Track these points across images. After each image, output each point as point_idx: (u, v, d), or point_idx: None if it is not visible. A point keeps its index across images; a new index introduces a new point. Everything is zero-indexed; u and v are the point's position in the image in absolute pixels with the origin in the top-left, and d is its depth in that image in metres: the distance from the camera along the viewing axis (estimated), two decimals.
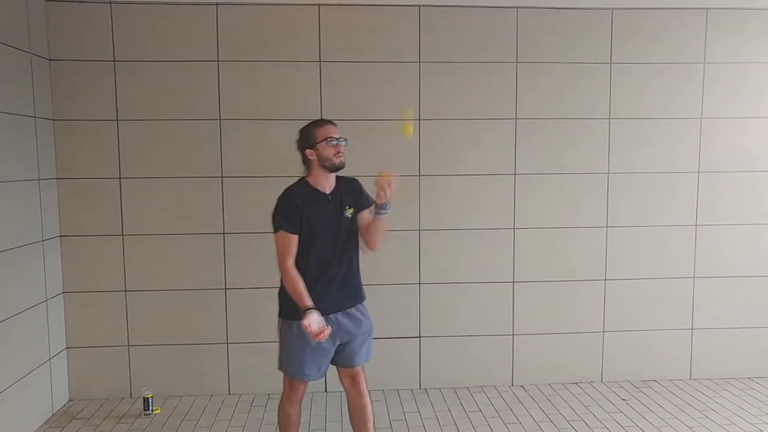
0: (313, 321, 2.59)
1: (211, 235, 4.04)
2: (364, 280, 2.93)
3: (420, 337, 4.22)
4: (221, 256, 4.05)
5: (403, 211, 3.91)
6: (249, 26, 3.95)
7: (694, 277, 4.34)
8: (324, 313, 2.67)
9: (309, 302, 2.64)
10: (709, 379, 4.36)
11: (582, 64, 4.15)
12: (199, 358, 4.11)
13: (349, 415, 2.97)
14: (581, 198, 4.24)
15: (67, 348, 4.02)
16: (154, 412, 3.83)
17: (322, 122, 2.82)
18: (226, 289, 4.07)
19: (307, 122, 2.88)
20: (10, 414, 3.37)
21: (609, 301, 4.31)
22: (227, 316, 4.09)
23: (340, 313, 2.78)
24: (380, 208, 2.72)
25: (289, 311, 2.77)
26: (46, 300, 3.78)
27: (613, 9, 4.12)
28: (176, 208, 4.01)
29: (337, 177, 2.84)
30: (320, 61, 4.01)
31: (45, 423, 3.71)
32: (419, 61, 4.06)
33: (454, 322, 4.22)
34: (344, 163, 2.77)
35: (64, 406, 3.97)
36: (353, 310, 2.84)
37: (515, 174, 4.18)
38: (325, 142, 2.73)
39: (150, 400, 3.81)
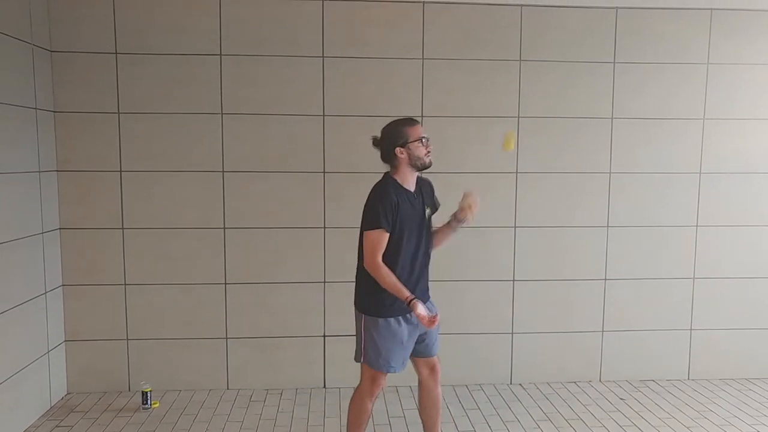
0: (423, 309, 2.69)
1: (211, 230, 4.03)
2: None
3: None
4: (221, 251, 4.04)
5: None
6: (252, 20, 3.93)
7: (693, 278, 4.34)
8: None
9: (409, 293, 2.70)
10: (707, 380, 4.37)
11: (585, 63, 4.14)
12: (198, 352, 4.10)
13: (421, 403, 3.07)
14: (582, 197, 4.24)
15: (65, 341, 4.01)
16: (153, 406, 3.83)
17: (412, 121, 2.86)
18: (225, 284, 4.07)
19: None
20: (7, 406, 3.36)
21: (608, 301, 4.31)
22: (227, 310, 4.08)
23: None
24: (460, 222, 2.93)
25: (375, 308, 2.81)
26: (45, 292, 3.77)
27: (617, 8, 4.11)
28: (177, 202, 4.00)
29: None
30: (323, 57, 3.99)
31: (43, 416, 3.71)
32: (423, 58, 4.04)
33: (454, 320, 4.20)
34: (432, 161, 2.83)
35: (62, 399, 3.96)
36: (428, 303, 2.93)
37: (517, 172, 4.17)
38: (418, 141, 2.77)
39: (148, 394, 3.81)
